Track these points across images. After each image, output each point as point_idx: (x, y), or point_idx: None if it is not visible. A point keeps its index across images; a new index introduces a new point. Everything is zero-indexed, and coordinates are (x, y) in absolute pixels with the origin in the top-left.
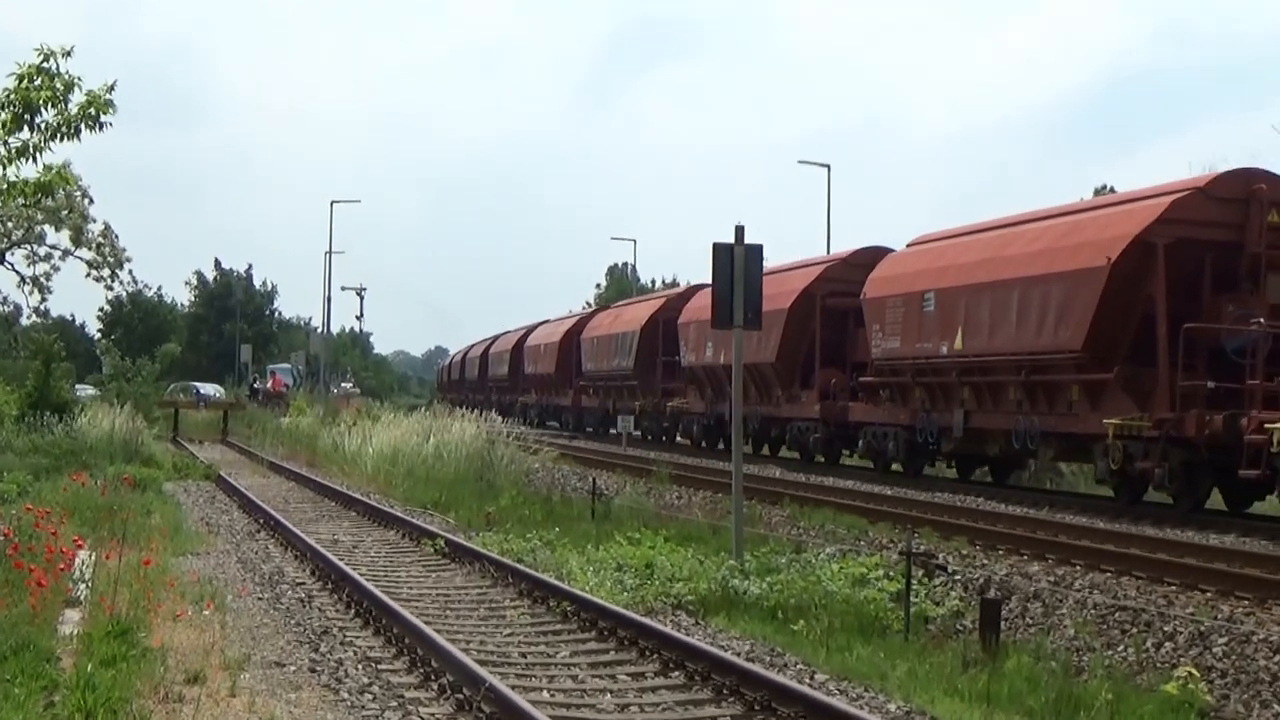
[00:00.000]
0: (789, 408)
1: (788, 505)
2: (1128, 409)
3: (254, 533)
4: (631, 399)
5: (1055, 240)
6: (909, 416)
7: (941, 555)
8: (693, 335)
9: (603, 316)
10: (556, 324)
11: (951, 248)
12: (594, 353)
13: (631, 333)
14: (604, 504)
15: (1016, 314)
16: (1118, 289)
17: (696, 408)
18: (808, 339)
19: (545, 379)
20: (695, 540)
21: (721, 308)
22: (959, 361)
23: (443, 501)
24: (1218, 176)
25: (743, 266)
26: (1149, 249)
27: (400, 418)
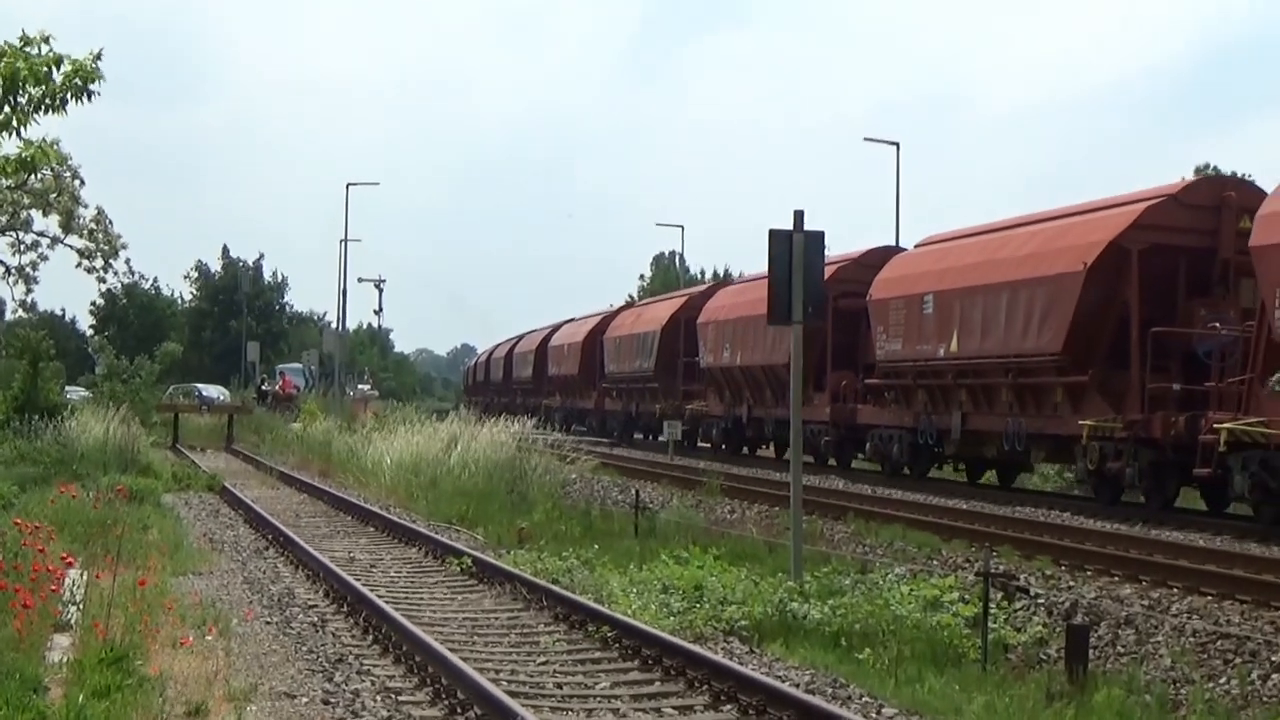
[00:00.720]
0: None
1: (852, 520)
2: (1103, 411)
3: (262, 550)
4: (653, 402)
5: (1041, 245)
6: (912, 419)
7: (1023, 576)
8: (711, 336)
9: (625, 315)
10: (580, 323)
11: (952, 250)
12: (616, 354)
13: (652, 333)
14: (648, 519)
15: (1005, 317)
16: (1094, 293)
17: (715, 410)
18: (820, 341)
19: (569, 381)
20: (749, 559)
21: (779, 301)
22: (954, 364)
23: (470, 516)
24: (1190, 184)
25: (802, 255)
26: (1124, 254)
27: (423, 423)
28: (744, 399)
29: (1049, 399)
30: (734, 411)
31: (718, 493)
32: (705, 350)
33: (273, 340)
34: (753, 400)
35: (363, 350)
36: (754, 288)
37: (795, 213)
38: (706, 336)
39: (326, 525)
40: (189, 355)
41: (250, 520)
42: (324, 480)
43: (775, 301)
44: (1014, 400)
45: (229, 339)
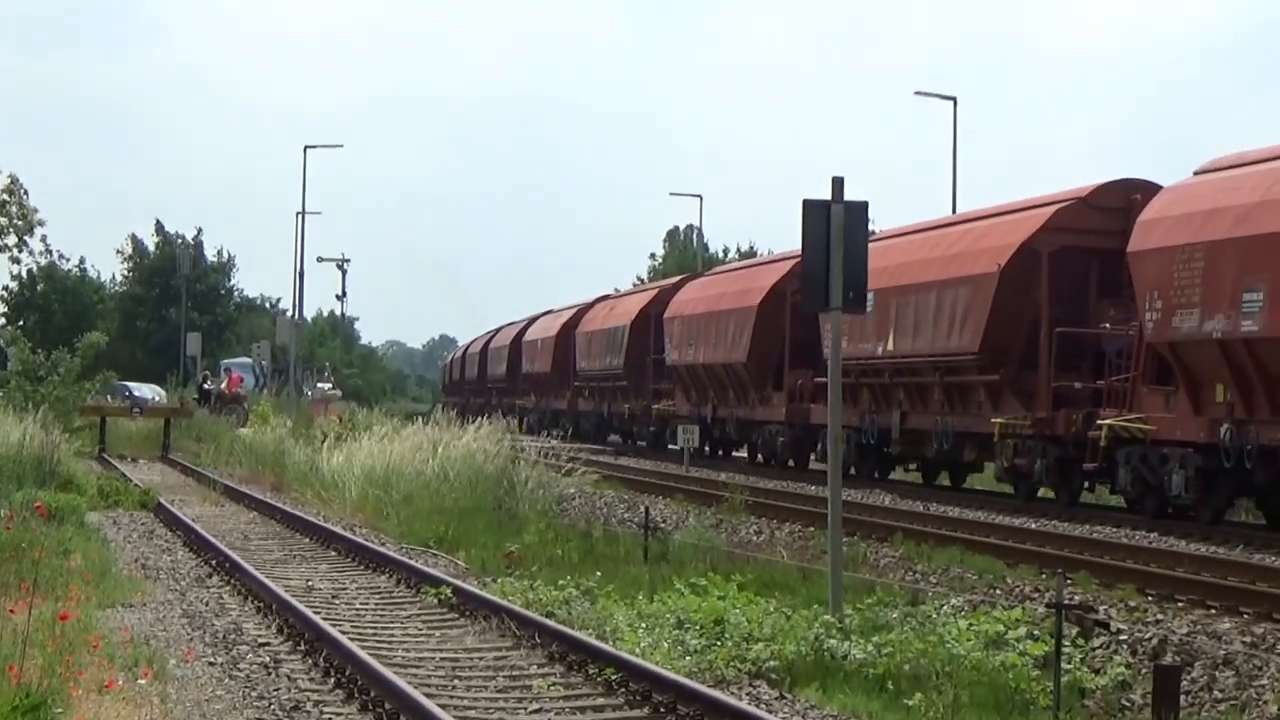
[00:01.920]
0: (761, 410)
1: (900, 542)
2: (1017, 409)
3: (204, 578)
4: (624, 401)
5: (966, 245)
6: (858, 418)
7: (1103, 608)
8: (677, 332)
9: (599, 309)
10: (555, 316)
11: (894, 247)
12: (588, 350)
13: (622, 328)
14: (660, 541)
15: (933, 317)
16: (1008, 294)
17: (683, 411)
18: (779, 338)
19: (542, 379)
20: (780, 588)
21: (813, 285)
22: (891, 362)
23: (450, 537)
24: (1099, 187)
25: (841, 230)
26: (1034, 256)
27: (395, 428)
28: (709, 399)
29: (974, 398)
30: (700, 412)
31: (742, 510)
32: (671, 347)
33: (217, 330)
34: (717, 400)
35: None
36: (722, 280)
37: (834, 180)
38: (673, 333)
39: (280, 549)
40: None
41: (190, 543)
42: (277, 496)
43: (809, 284)
44: (944, 399)
45: (166, 329)
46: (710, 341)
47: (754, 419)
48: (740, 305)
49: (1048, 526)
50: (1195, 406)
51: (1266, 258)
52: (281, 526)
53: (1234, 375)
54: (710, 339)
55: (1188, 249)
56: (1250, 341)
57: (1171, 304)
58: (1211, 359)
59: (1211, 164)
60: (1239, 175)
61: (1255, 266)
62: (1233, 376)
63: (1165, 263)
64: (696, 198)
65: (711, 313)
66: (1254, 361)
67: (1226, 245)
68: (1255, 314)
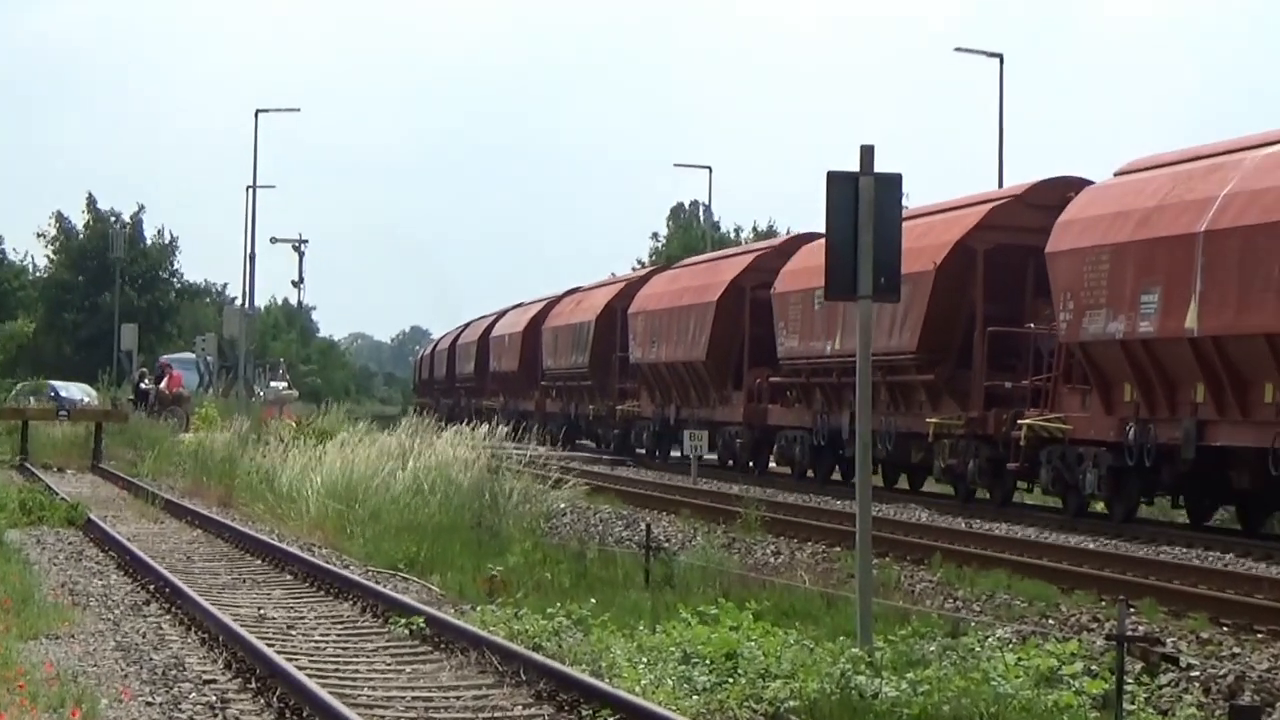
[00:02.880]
0: (722, 410)
1: (939, 565)
2: (954, 410)
3: (140, 605)
4: (589, 402)
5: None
6: (810, 419)
7: (1170, 640)
8: (641, 328)
9: (567, 302)
10: (523, 310)
11: None
12: (554, 347)
13: (587, 324)
14: (664, 562)
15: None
16: (944, 293)
17: (647, 411)
18: (739, 335)
19: (509, 378)
20: (800, 617)
21: (839, 269)
22: (839, 361)
23: (423, 558)
24: (1034, 185)
25: (871, 206)
26: (970, 254)
27: (361, 433)
28: (672, 399)
29: (915, 398)
30: (663, 413)
31: (757, 527)
32: (635, 344)
33: (156, 321)
34: (680, 400)
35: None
36: (685, 274)
37: (862, 149)
38: (636, 329)
39: (228, 572)
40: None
41: (125, 565)
42: (225, 511)
43: (834, 268)
44: (889, 399)
45: (98, 319)
46: (672, 339)
47: (714, 420)
48: (700, 301)
49: (1108, 546)
50: (1106, 406)
51: (1161, 261)
52: (230, 546)
53: (1136, 375)
54: (672, 336)
55: (1095, 251)
56: (1148, 343)
57: (1082, 305)
58: (1116, 359)
59: (1130, 165)
60: (1147, 178)
61: (1151, 269)
62: (1135, 377)
63: (1077, 264)
64: (704, 169)
65: (674, 309)
66: (1152, 362)
67: (1128, 248)
68: (1151, 315)
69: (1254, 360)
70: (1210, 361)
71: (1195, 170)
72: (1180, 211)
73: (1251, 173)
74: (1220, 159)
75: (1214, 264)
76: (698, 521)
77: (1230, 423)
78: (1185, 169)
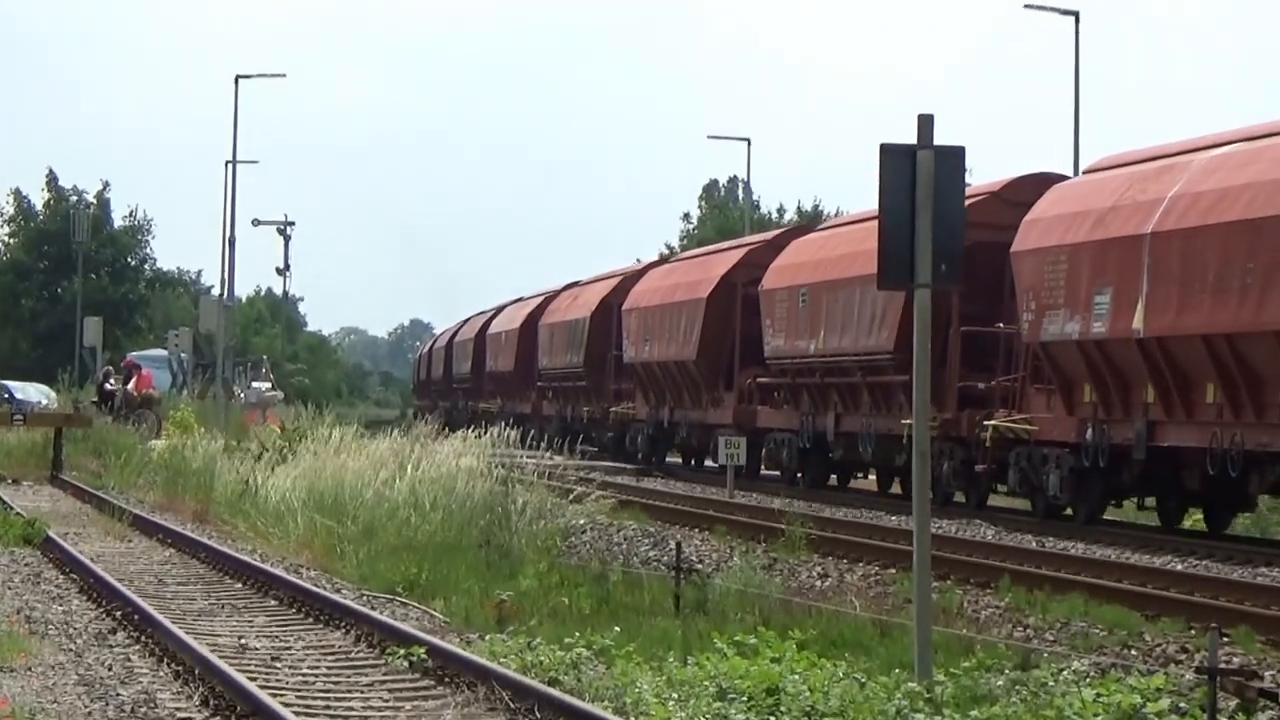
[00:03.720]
0: (714, 412)
1: (1007, 588)
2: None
3: (106, 635)
4: (584, 403)
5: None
6: (796, 421)
7: (1269, 674)
8: (634, 326)
9: (564, 297)
10: (521, 305)
11: (833, 238)
12: (549, 345)
13: (582, 320)
14: (696, 586)
15: (857, 313)
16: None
17: (641, 413)
18: (730, 333)
19: (506, 379)
20: (851, 647)
21: (893, 254)
22: (823, 361)
23: (424, 581)
24: (1010, 181)
25: (930, 183)
26: None
27: (354, 439)
28: (666, 400)
29: (895, 399)
30: (657, 415)
31: (802, 547)
32: (629, 343)
33: (124, 314)
34: (674, 401)
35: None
36: (679, 269)
37: (920, 119)
38: (630, 326)
39: (205, 596)
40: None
41: (89, 589)
42: (201, 528)
43: (888, 253)
44: (870, 400)
45: (59, 310)
46: (664, 337)
47: (706, 422)
48: (691, 297)
49: (1197, 568)
50: (1068, 406)
51: (1113, 262)
52: (206, 567)
53: (1092, 376)
54: (664, 334)
55: (1055, 251)
56: (1101, 344)
57: (1043, 305)
58: (1074, 360)
59: (1097, 163)
60: (1108, 177)
61: (1104, 270)
62: (1091, 377)
63: (1039, 264)
64: (742, 141)
65: (665, 305)
66: (1106, 363)
67: (1084, 248)
68: (1104, 316)
69: (1194, 361)
70: (1156, 362)
71: (1149, 171)
72: (1132, 213)
73: (1197, 175)
74: (1173, 160)
75: (1159, 266)
76: (734, 540)
77: (1177, 423)
78: (1141, 169)
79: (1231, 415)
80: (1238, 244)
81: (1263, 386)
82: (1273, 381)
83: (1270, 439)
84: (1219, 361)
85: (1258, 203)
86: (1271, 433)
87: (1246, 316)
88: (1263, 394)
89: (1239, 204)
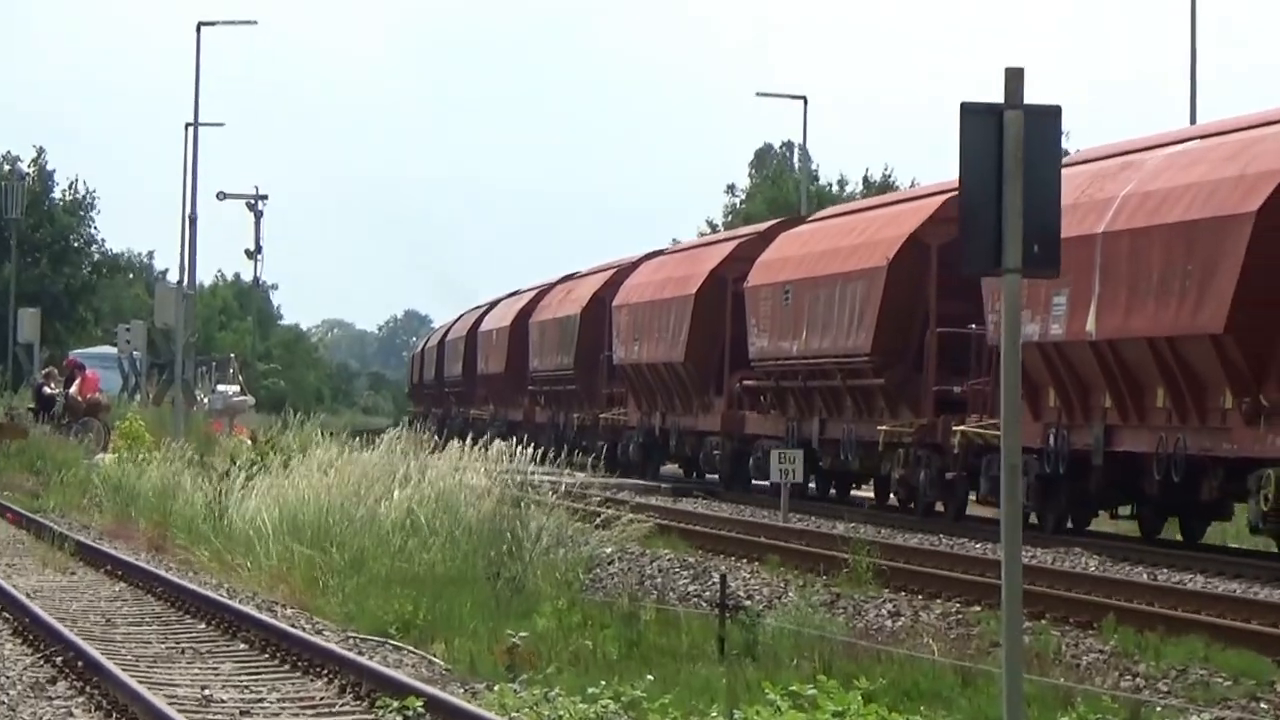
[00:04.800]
0: (704, 418)
1: (1112, 629)
2: (908, 416)
3: (44, 685)
4: (575, 409)
5: (869, 235)
6: (782, 428)
7: None
8: (624, 323)
9: (557, 291)
10: (515, 300)
11: (817, 233)
12: (540, 344)
13: (572, 318)
14: (745, 626)
15: (836, 313)
16: (898, 290)
17: (633, 420)
18: (720, 333)
19: (497, 383)
20: (928, 699)
21: (976, 232)
22: (805, 363)
23: (422, 621)
24: None
25: (1019, 149)
26: (923, 249)
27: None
28: (657, 405)
29: (875, 403)
30: (648, 421)
31: (870, 579)
32: (619, 342)
33: (66, 305)
34: (665, 406)
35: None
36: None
37: (1008, 73)
38: (620, 324)
39: (162, 639)
40: None
41: (25, 630)
42: (157, 557)
43: (970, 232)
44: (852, 405)
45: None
46: (654, 336)
47: (697, 429)
48: (680, 294)
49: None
50: (1034, 411)
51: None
52: (163, 604)
53: (1053, 379)
54: (654, 333)
55: None
56: (1059, 346)
57: None
58: (1036, 363)
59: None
60: (1075, 173)
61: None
62: (1053, 381)
63: None
64: (798, 100)
65: (655, 302)
66: (1065, 366)
67: None
68: (1061, 318)
69: (1143, 364)
70: (1109, 365)
71: (1109, 168)
72: (1088, 211)
73: (1148, 174)
74: (1131, 157)
75: (1109, 266)
76: (789, 571)
77: (1131, 428)
78: (1104, 166)
79: (1178, 420)
80: (1178, 246)
81: (1205, 390)
82: (1213, 385)
83: (1213, 443)
84: (1163, 364)
85: (1196, 204)
86: (1214, 437)
87: (1185, 320)
88: (1205, 398)
89: (1180, 205)
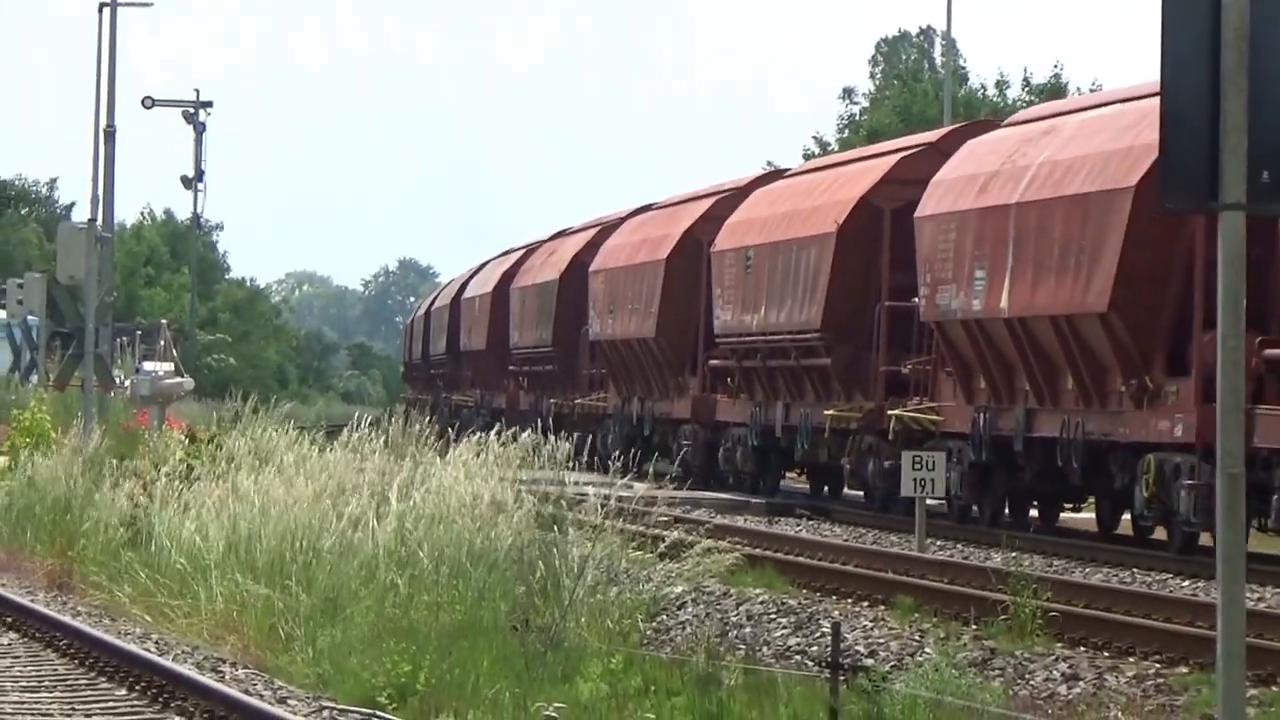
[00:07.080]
0: (678, 403)
1: None
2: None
3: None
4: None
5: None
6: (746, 413)
7: None
8: (601, 292)
9: (542, 251)
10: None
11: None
12: (521, 315)
13: (550, 284)
14: (866, 693)
15: (791, 284)
16: (849, 259)
17: (611, 405)
18: (695, 304)
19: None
20: None
21: (1182, 155)
22: (764, 340)
23: (423, 686)
24: (949, 132)
25: (1243, 43)
26: (876, 214)
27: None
28: (636, 388)
29: (832, 385)
30: (627, 408)
31: (1036, 630)
32: (594, 314)
33: None
34: (642, 390)
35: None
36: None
37: None
38: (596, 293)
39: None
40: None
41: None
42: (61, 598)
43: (1173, 154)
44: (810, 387)
45: None
46: (626, 308)
47: (671, 416)
48: (650, 259)
49: None
50: (967, 394)
51: (988, 233)
52: (67, 662)
53: (979, 359)
54: (627, 304)
55: (947, 218)
56: (980, 323)
57: (937, 279)
58: (963, 341)
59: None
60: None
61: (981, 242)
62: (979, 361)
63: (935, 232)
64: None
65: (629, 268)
66: (987, 344)
67: (968, 217)
68: (980, 293)
69: (1050, 344)
70: (1022, 344)
71: (1032, 132)
72: (1008, 179)
73: (1062, 141)
74: (1056, 121)
75: (1021, 239)
76: (926, 619)
77: (1047, 411)
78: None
79: (1083, 403)
80: (1074, 219)
81: (1105, 373)
82: (1111, 368)
83: (1111, 428)
84: (1065, 345)
85: (1090, 177)
86: (1113, 421)
87: (1078, 297)
88: (1104, 381)
89: (1080, 177)
